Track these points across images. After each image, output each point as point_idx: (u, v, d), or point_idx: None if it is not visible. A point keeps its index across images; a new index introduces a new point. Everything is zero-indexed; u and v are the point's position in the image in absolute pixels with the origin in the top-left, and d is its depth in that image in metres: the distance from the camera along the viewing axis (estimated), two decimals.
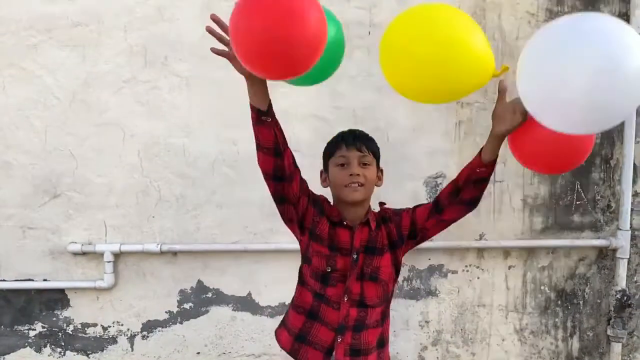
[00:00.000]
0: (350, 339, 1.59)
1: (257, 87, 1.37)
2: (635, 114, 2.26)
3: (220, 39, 1.34)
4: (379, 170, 1.71)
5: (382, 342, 1.67)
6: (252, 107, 1.40)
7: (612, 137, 2.33)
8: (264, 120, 1.40)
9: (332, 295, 1.59)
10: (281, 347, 1.70)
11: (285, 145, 1.46)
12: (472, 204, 1.56)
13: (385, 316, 1.67)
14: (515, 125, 1.35)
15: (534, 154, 1.35)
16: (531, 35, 2.16)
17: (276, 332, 1.74)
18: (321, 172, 1.71)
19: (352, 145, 1.63)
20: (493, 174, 2.12)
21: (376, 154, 1.72)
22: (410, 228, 1.63)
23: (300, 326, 1.64)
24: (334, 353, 1.59)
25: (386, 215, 1.67)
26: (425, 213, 1.62)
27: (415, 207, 1.66)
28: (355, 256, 1.59)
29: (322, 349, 1.60)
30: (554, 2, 2.26)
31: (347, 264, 1.59)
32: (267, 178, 1.48)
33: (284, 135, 1.46)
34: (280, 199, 1.53)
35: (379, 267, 1.62)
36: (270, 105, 1.42)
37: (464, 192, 1.52)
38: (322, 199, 1.69)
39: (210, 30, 1.35)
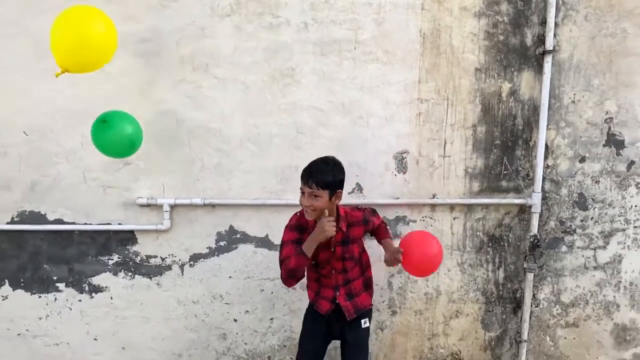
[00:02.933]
0: (344, 290, 2.55)
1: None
2: (547, 106, 3.10)
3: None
4: (336, 193, 2.32)
5: (367, 285, 2.66)
6: (305, 257, 2.31)
7: (531, 124, 3.14)
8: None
9: (323, 272, 2.52)
10: (310, 299, 2.63)
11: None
12: None
13: (364, 269, 2.63)
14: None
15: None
16: (474, 50, 3.05)
17: (307, 290, 2.66)
18: None
19: (305, 183, 2.29)
20: (443, 151, 3.00)
21: (328, 184, 2.27)
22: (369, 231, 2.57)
23: (316, 287, 2.60)
24: (337, 300, 2.52)
25: (365, 219, 2.53)
26: (374, 234, 2.63)
27: (376, 227, 2.63)
28: (332, 249, 2.46)
29: (328, 299, 2.56)
30: (490, 25, 3.03)
31: (328, 255, 2.46)
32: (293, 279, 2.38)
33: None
34: None
35: (353, 251, 2.51)
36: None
37: None
38: (301, 222, 2.45)
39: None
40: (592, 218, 3.24)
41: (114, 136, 2.40)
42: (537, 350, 3.36)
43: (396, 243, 3.14)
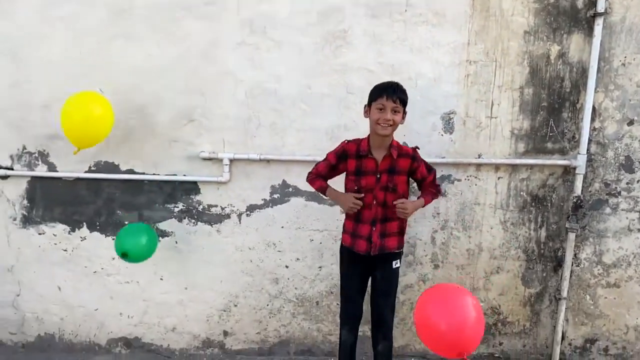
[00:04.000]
0: (380, 227, 2.67)
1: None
2: (596, 69, 3.12)
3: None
4: (405, 113, 2.63)
5: (402, 231, 2.76)
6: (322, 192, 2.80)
7: (578, 87, 3.17)
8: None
9: (365, 200, 2.65)
10: (344, 245, 2.81)
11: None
12: None
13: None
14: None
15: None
16: (523, 13, 3.10)
17: (342, 238, 2.83)
18: (365, 106, 2.66)
19: (390, 98, 2.50)
20: (490, 112, 3.08)
21: (405, 103, 2.56)
22: (412, 176, 2.69)
23: (352, 227, 2.75)
24: (372, 238, 2.66)
25: (414, 156, 2.65)
26: (420, 182, 2.74)
27: (423, 178, 2.73)
28: (378, 176, 2.60)
29: (365, 238, 2.69)
30: None
31: (372, 182, 2.61)
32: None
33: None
34: None
35: (397, 183, 2.64)
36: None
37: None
38: (347, 149, 2.68)
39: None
40: (638, 181, 3.27)
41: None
42: (576, 308, 3.46)
43: (439, 202, 3.27)
